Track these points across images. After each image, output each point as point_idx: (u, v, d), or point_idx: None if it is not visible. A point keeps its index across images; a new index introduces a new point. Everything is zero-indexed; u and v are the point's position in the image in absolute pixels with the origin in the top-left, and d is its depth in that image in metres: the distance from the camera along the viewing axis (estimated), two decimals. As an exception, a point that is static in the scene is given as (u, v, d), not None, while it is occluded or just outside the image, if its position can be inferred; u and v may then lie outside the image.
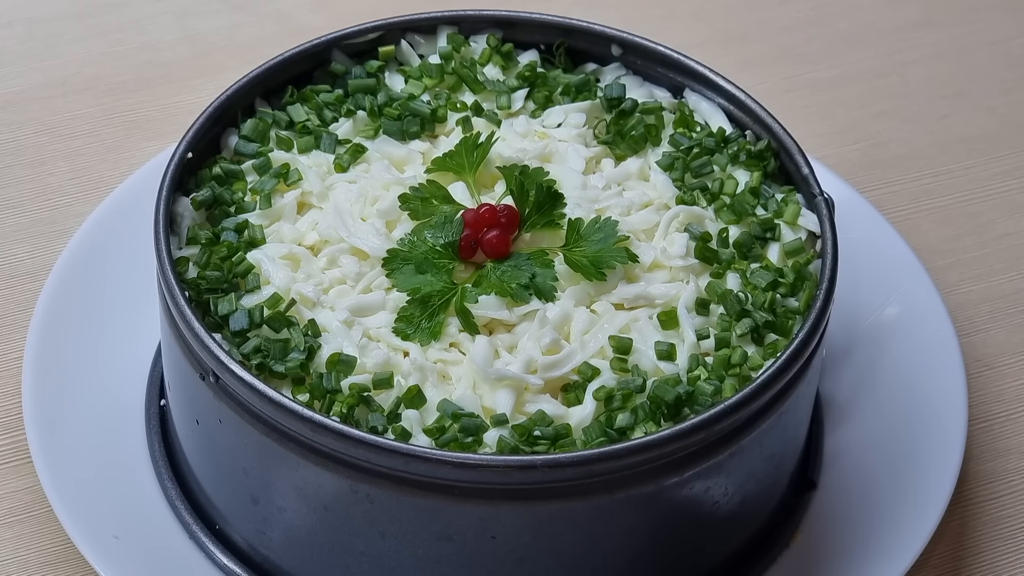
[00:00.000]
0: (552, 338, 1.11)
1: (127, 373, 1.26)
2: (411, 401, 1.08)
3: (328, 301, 1.13)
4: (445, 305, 1.12)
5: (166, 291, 1.10)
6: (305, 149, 1.21)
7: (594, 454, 1.04)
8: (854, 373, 1.29)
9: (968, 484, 1.28)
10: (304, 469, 1.07)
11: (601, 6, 1.59)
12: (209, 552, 1.18)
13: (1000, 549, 1.25)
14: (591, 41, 1.28)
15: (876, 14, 1.64)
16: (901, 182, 1.49)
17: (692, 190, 1.20)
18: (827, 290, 1.12)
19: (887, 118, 1.54)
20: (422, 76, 1.26)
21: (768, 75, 1.57)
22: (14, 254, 1.38)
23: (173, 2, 1.60)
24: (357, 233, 1.15)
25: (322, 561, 1.12)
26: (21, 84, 1.52)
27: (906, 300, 1.33)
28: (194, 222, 1.16)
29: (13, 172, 1.44)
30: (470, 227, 1.14)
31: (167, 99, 1.51)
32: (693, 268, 1.16)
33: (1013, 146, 1.53)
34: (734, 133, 1.24)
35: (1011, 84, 1.58)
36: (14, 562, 1.20)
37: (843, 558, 1.19)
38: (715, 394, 1.09)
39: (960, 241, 1.45)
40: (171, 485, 1.21)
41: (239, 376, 1.06)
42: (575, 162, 1.21)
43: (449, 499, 1.05)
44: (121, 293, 1.30)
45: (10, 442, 1.26)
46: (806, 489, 1.23)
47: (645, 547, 1.11)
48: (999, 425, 1.32)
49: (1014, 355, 1.37)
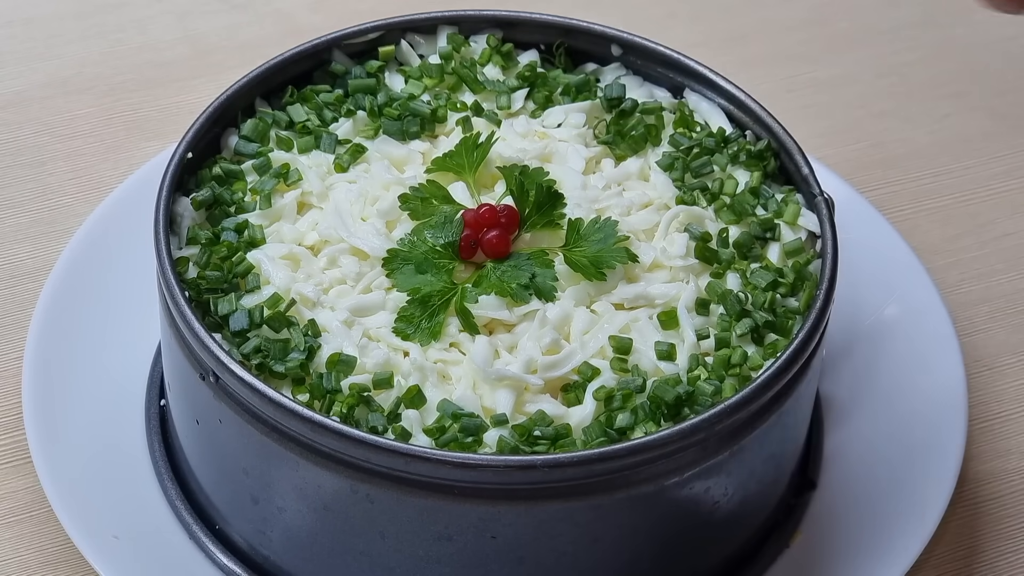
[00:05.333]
0: (552, 338, 1.11)
1: (127, 373, 1.26)
2: (411, 401, 1.08)
3: (328, 301, 1.13)
4: (445, 305, 1.12)
5: (166, 291, 1.10)
6: (305, 149, 1.21)
7: (594, 454, 1.04)
8: (854, 373, 1.29)
9: (968, 484, 1.28)
10: (304, 469, 1.07)
11: (601, 6, 1.59)
12: (209, 552, 1.18)
13: (1000, 549, 1.25)
14: (591, 41, 1.28)
15: (876, 14, 1.64)
16: (901, 182, 1.49)
17: (692, 190, 1.20)
18: (827, 290, 1.12)
19: (887, 118, 1.54)
20: (422, 76, 1.26)
21: (768, 75, 1.56)
22: (14, 254, 1.38)
23: (173, 2, 1.60)
24: (357, 233, 1.15)
25: (322, 561, 1.12)
26: (21, 84, 1.52)
27: (906, 300, 1.33)
28: (194, 222, 1.16)
29: (13, 172, 1.44)
30: (470, 227, 1.14)
31: (167, 99, 1.51)
32: (693, 268, 1.16)
33: (1013, 146, 1.53)
34: (734, 133, 1.24)
35: (1011, 84, 1.58)
36: (14, 562, 1.20)
37: (843, 558, 1.19)
38: (715, 394, 1.09)
39: (960, 241, 1.44)
40: (171, 485, 1.21)
41: (239, 376, 1.06)
42: (575, 162, 1.21)
43: (449, 499, 1.05)
44: (121, 293, 1.30)
45: (10, 442, 1.26)
46: (806, 489, 1.23)
47: (645, 547, 1.11)
48: (999, 425, 1.32)
49: (1014, 355, 1.37)
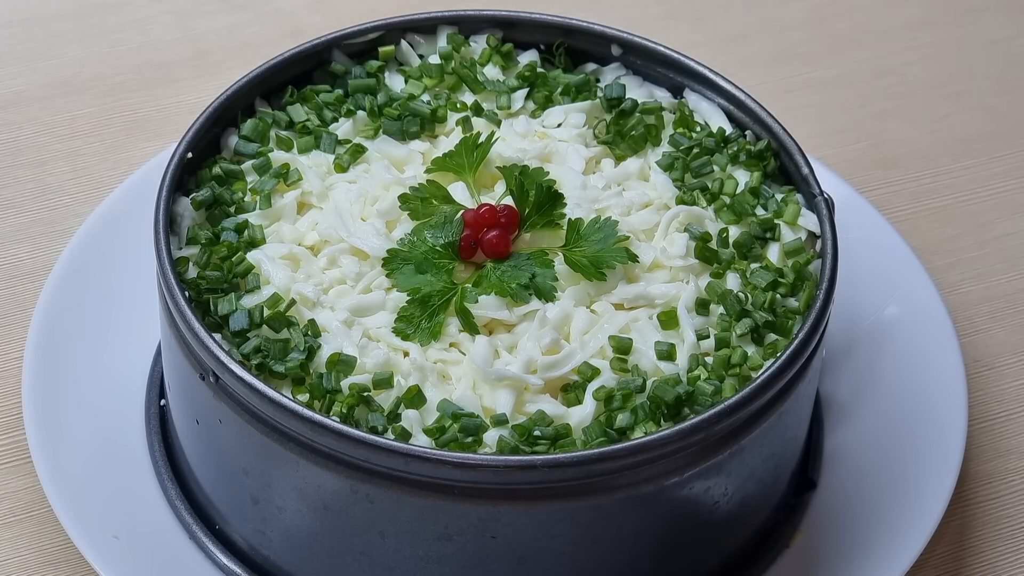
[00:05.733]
0: (552, 338, 1.11)
1: (127, 373, 1.26)
2: (411, 401, 1.08)
3: (328, 301, 1.13)
4: (445, 305, 1.12)
5: (166, 291, 1.10)
6: (305, 149, 1.21)
7: (594, 454, 1.04)
8: (854, 373, 1.29)
9: (968, 484, 1.28)
10: (304, 469, 1.07)
11: (601, 6, 1.59)
12: (209, 552, 1.18)
13: (1000, 549, 1.25)
14: (591, 41, 1.28)
15: (876, 14, 1.64)
16: (901, 182, 1.49)
17: (692, 190, 1.20)
18: (827, 290, 1.12)
19: (887, 118, 1.54)
20: (422, 76, 1.26)
21: (768, 75, 1.57)
22: (14, 254, 1.38)
23: (173, 2, 1.60)
24: (357, 233, 1.15)
25: (322, 561, 1.12)
26: (21, 84, 1.51)
27: (906, 300, 1.33)
28: (194, 222, 1.16)
29: (13, 172, 1.44)
30: (470, 227, 1.14)
31: (167, 99, 1.51)
32: (693, 268, 1.16)
33: (1013, 146, 1.53)
34: (734, 133, 1.24)
35: (1011, 84, 1.58)
36: (14, 562, 1.20)
37: (843, 558, 1.19)
38: (715, 394, 1.09)
39: (960, 241, 1.44)
40: (171, 485, 1.21)
41: (239, 376, 1.06)
42: (575, 162, 1.21)
43: (449, 499, 1.05)
44: (121, 293, 1.30)
45: (10, 442, 1.26)
46: (806, 489, 1.23)
47: (645, 547, 1.11)
48: (999, 425, 1.32)
49: (1014, 355, 1.37)
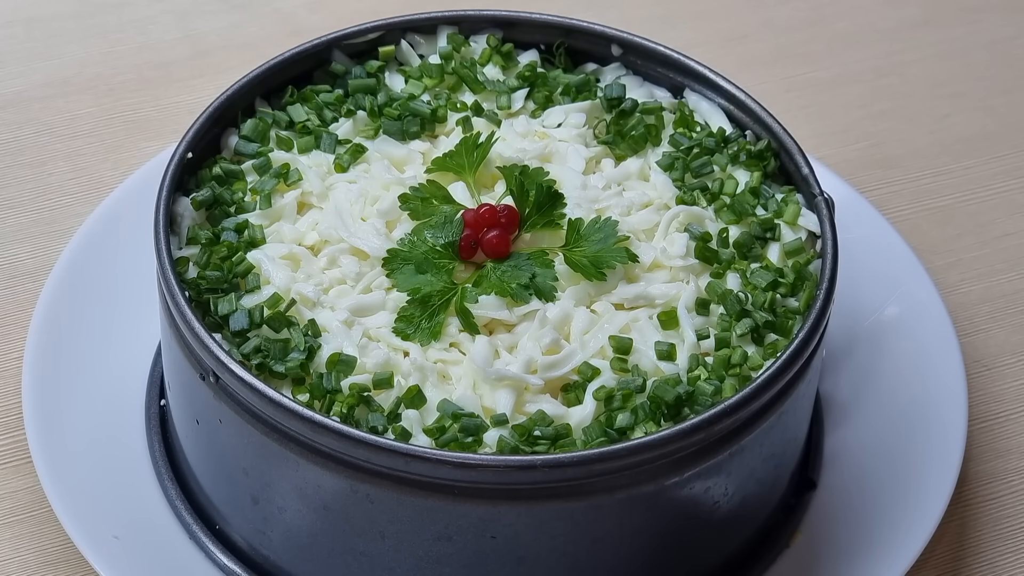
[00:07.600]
0: (552, 338, 1.11)
1: (127, 373, 1.26)
2: (411, 401, 1.08)
3: (328, 301, 1.13)
4: (445, 305, 1.12)
5: (166, 291, 1.10)
6: (305, 149, 1.21)
7: (594, 454, 1.04)
8: (854, 373, 1.29)
9: (968, 484, 1.28)
10: (304, 469, 1.07)
11: (601, 6, 1.59)
12: (209, 552, 1.18)
13: (1000, 549, 1.25)
14: (591, 41, 1.28)
15: (876, 14, 1.64)
16: (901, 182, 1.49)
17: (692, 190, 1.20)
18: (827, 290, 1.12)
19: (887, 118, 1.54)
20: (422, 76, 1.26)
21: (768, 75, 1.57)
22: (14, 254, 1.38)
23: (173, 2, 1.60)
24: (357, 233, 1.15)
25: (322, 561, 1.12)
26: (21, 84, 1.51)
27: (906, 300, 1.33)
28: (194, 222, 1.16)
29: (13, 172, 1.44)
30: (470, 227, 1.14)
31: (167, 99, 1.51)
32: (693, 268, 1.16)
33: (1013, 146, 1.53)
34: (734, 133, 1.24)
35: (1011, 84, 1.58)
36: (14, 562, 1.20)
37: (843, 558, 1.19)
38: (715, 394, 1.09)
39: (960, 241, 1.44)
40: (171, 485, 1.21)
41: (239, 376, 1.06)
42: (575, 162, 1.21)
43: (449, 499, 1.05)
44: (121, 293, 1.30)
45: (10, 442, 1.26)
46: (806, 489, 1.23)
47: (645, 547, 1.11)
48: (999, 425, 1.32)
49: (1014, 355, 1.37)
